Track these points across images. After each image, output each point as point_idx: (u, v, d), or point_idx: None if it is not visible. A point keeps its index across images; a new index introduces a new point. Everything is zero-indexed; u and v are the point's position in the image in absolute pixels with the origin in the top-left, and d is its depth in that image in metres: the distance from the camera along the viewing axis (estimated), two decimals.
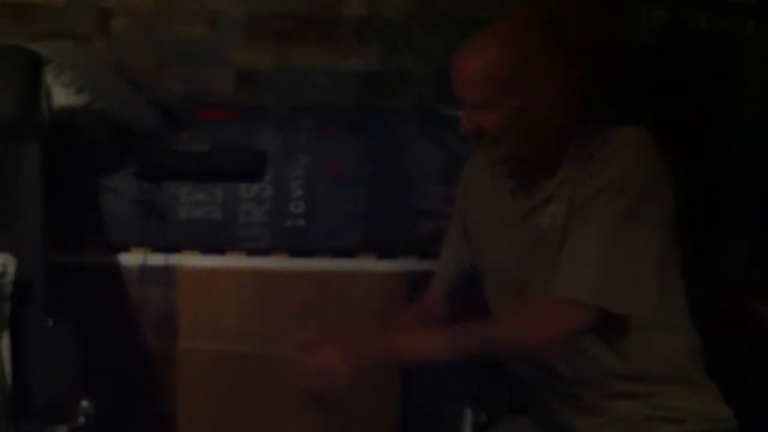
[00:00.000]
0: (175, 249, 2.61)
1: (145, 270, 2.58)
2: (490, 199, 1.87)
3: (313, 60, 2.55)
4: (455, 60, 1.71)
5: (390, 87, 2.57)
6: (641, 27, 2.28)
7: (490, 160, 1.80)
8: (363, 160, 2.61)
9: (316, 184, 2.60)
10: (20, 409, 2.14)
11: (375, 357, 1.65)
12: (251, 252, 2.63)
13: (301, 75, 2.56)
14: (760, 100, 2.12)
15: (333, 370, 1.59)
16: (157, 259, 2.60)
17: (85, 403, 2.08)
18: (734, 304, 1.99)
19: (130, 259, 2.60)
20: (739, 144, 2.13)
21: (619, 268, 1.60)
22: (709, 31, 2.22)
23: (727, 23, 2.18)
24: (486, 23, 1.69)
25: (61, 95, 2.46)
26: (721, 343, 1.89)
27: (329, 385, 1.60)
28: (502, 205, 1.82)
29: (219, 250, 2.63)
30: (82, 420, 2.06)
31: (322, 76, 2.56)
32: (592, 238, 1.62)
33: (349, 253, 2.63)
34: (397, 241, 2.61)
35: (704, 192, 1.98)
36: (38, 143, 2.31)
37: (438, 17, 2.55)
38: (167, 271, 2.58)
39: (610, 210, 1.61)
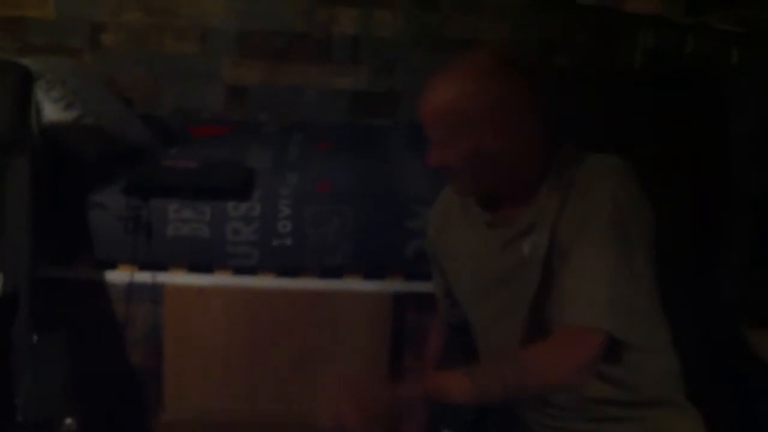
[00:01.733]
0: (162, 266, 2.60)
1: (132, 287, 2.57)
2: (464, 233, 1.86)
3: (304, 78, 2.55)
4: (421, 96, 1.73)
5: (380, 106, 2.57)
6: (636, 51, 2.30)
7: (458, 193, 1.83)
8: (352, 178, 2.60)
9: (304, 203, 2.58)
10: (4, 425, 2.13)
11: (396, 403, 1.58)
12: (238, 270, 2.62)
13: (292, 92, 2.56)
14: (751, 126, 2.12)
15: (349, 424, 1.55)
16: (144, 277, 2.58)
17: (68, 420, 2.06)
18: (728, 330, 1.99)
19: (117, 275, 2.58)
20: (734, 165, 2.13)
21: (619, 294, 1.59)
22: (697, 56, 2.24)
23: (715, 49, 2.20)
24: (474, 43, 1.70)
25: (51, 111, 2.46)
26: (712, 369, 1.89)
27: None
28: (479, 238, 1.82)
29: (206, 268, 2.62)
30: None
31: (313, 94, 2.56)
32: (591, 266, 1.60)
33: (337, 272, 2.63)
34: (384, 261, 2.61)
35: (698, 213, 1.98)
36: (27, 158, 2.31)
37: (428, 37, 2.56)
38: (154, 288, 2.57)
39: (602, 237, 1.61)
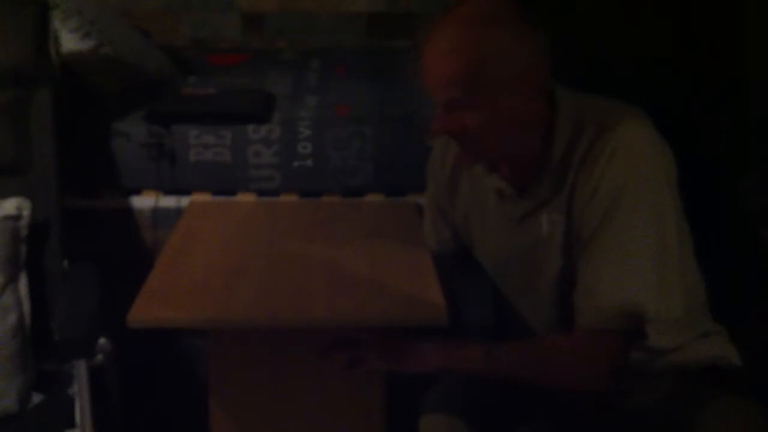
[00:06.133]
0: (186, 191, 2.64)
1: (157, 212, 2.62)
2: (473, 199, 1.82)
3: (320, 1, 2.51)
4: (424, 53, 1.56)
5: (396, 28, 2.54)
6: None
7: (466, 163, 1.72)
8: (371, 101, 2.61)
9: (324, 125, 2.60)
10: (41, 347, 2.20)
11: (406, 365, 1.67)
12: (261, 193, 2.65)
13: (309, 18, 2.52)
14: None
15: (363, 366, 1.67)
16: (168, 202, 2.63)
17: (103, 341, 2.12)
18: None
19: (142, 201, 2.63)
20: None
21: (647, 284, 1.54)
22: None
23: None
24: None
25: (69, 41, 2.48)
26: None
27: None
28: (490, 206, 1.77)
29: (229, 191, 2.65)
30: (100, 357, 2.10)
31: (329, 18, 2.53)
32: (615, 259, 1.54)
33: (358, 192, 2.66)
34: (405, 181, 2.62)
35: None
36: (49, 90, 2.34)
37: None
38: (179, 213, 2.61)
39: (625, 222, 1.54)
